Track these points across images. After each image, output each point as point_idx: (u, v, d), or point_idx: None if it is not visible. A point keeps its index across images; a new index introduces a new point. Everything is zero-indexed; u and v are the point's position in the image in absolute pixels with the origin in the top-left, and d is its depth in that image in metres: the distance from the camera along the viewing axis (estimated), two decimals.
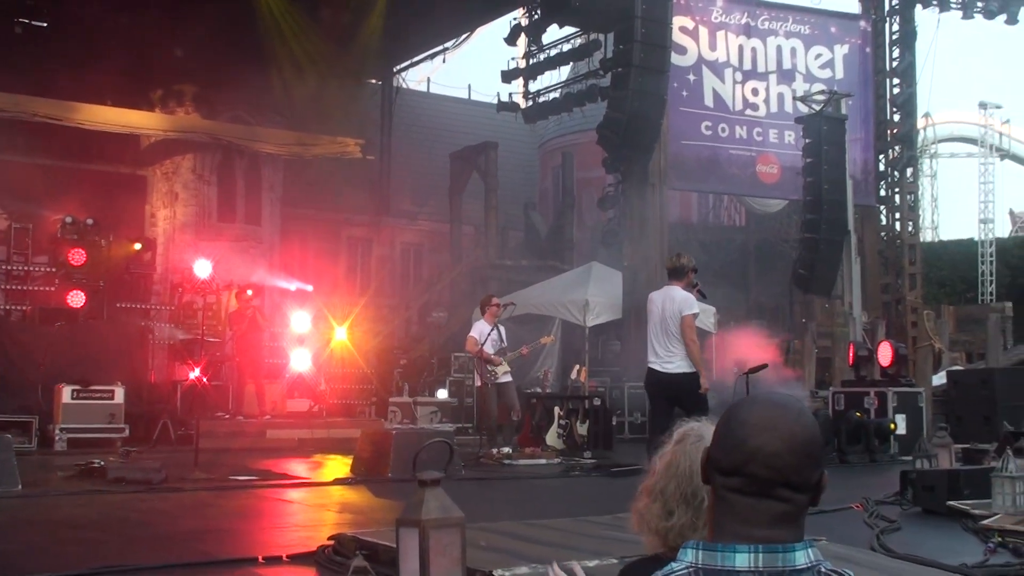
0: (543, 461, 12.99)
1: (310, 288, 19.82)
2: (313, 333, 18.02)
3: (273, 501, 9.22)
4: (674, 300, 9.70)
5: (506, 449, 13.04)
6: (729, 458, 1.67)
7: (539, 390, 17.02)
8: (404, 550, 4.02)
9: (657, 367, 9.74)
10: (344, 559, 5.45)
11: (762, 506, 1.64)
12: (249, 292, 16.42)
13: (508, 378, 13.39)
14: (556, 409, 14.44)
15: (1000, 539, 7.13)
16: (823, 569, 1.64)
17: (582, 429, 14.14)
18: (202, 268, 16.99)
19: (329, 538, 6.13)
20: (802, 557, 1.63)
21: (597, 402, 14.69)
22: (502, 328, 13.58)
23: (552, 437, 14.16)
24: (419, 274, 29.53)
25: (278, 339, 17.87)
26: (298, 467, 12.20)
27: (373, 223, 28.06)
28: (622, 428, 17.89)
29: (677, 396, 9.63)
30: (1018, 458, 8.37)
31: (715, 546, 1.64)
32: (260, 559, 5.81)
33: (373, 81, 27.25)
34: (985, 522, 7.70)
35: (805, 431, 1.67)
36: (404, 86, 30.13)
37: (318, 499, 9.49)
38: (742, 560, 1.61)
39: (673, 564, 1.67)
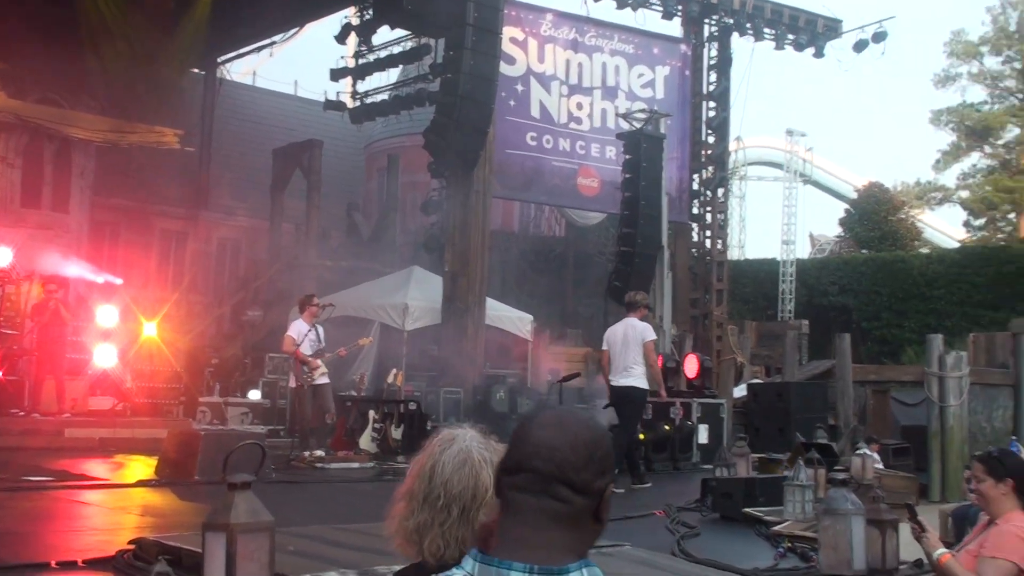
0: (356, 465, 12.93)
1: (119, 281, 19.07)
2: (120, 328, 17.35)
3: (69, 503, 8.84)
4: (635, 328, 11.43)
5: (319, 452, 12.90)
6: (513, 454, 1.69)
7: (354, 393, 16.90)
8: (210, 555, 3.93)
9: (615, 382, 11.42)
10: (145, 564, 5.28)
11: (541, 504, 1.64)
12: (52, 284, 15.68)
13: (325, 380, 13.24)
14: (371, 412, 14.39)
15: (790, 544, 7.54)
16: None
17: (396, 433, 14.13)
18: (1, 256, 16.17)
19: (129, 542, 5.93)
20: None
21: (413, 406, 14.71)
22: (321, 329, 13.43)
23: (366, 441, 14.10)
24: (235, 271, 28.81)
25: (82, 333, 17.12)
26: (98, 468, 11.74)
27: (189, 216, 27.28)
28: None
29: (620, 404, 11.37)
30: (808, 468, 8.86)
31: (492, 560, 1.63)
32: (53, 564, 5.56)
33: (196, 71, 26.48)
34: (777, 528, 8.12)
35: (591, 433, 1.69)
36: (228, 77, 29.41)
37: (119, 502, 9.16)
38: None
39: (454, 570, 1.66)
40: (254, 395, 18.51)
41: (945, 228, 45.12)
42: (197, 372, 18.65)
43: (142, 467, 11.69)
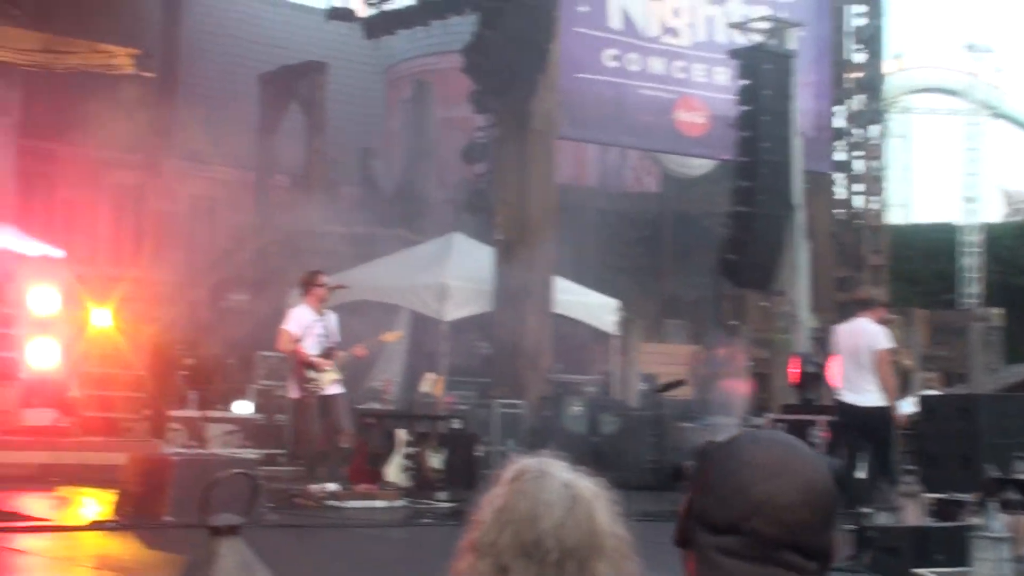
0: (382, 504, 13.06)
1: (59, 253, 19.34)
2: (62, 317, 17.63)
3: (0, 552, 9.02)
4: (867, 333, 12.59)
5: (331, 486, 13.01)
6: (726, 510, 1.72)
7: (378, 406, 17.02)
8: None
9: (849, 400, 12.73)
10: None
11: (763, 573, 1.69)
12: None
13: (337, 388, 13.36)
14: (400, 433, 14.47)
15: None
16: None
17: (435, 461, 14.22)
18: None
19: None
20: None
21: (456, 425, 14.77)
22: (332, 318, 13.53)
23: (395, 471, 14.20)
24: (213, 240, 29.10)
25: (10, 324, 17.43)
26: (37, 505, 11.98)
27: (149, 166, 27.52)
28: (489, 461, 18.05)
29: (862, 429, 12.75)
30: (1005, 513, 8.79)
31: None
32: None
33: None
34: None
35: (822, 480, 1.74)
36: None
37: (66, 550, 9.35)
38: None
39: None
40: (242, 408, 18.67)
41: None
42: (166, 377, 18.87)
43: (95, 504, 11.90)
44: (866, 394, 12.55)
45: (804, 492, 1.70)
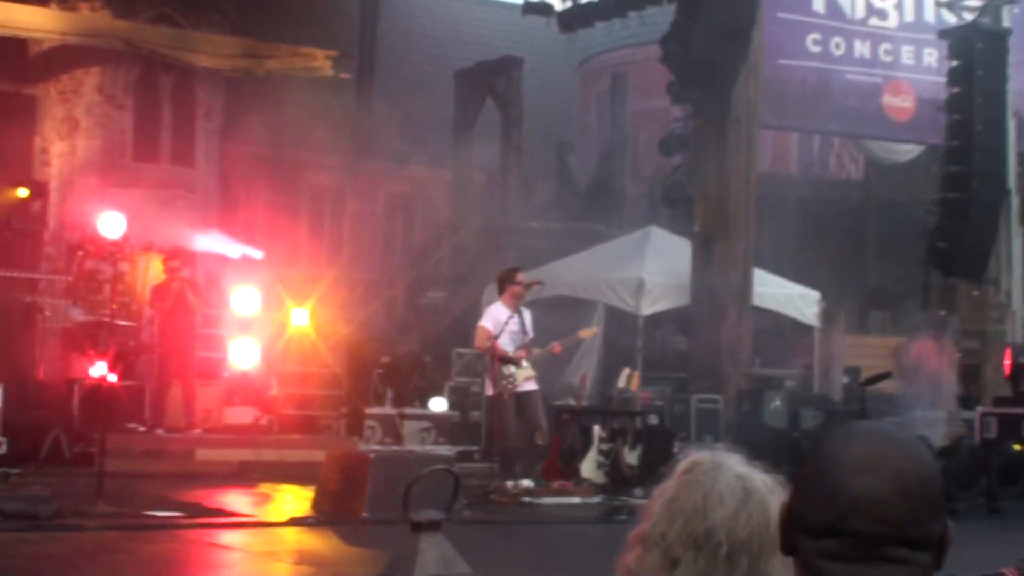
0: (577, 500, 13.07)
1: (259, 255, 19.84)
2: (263, 317, 18.06)
3: (204, 546, 9.28)
4: None
5: (526, 482, 13.09)
6: (821, 512, 1.68)
7: (573, 402, 17.04)
8: None
9: None
10: None
11: (873, 573, 1.65)
12: (176, 260, 16.44)
13: (532, 385, 13.42)
14: (596, 429, 14.46)
15: None
16: None
17: (631, 457, 14.16)
18: (111, 225, 16.99)
19: None
20: None
21: (653, 420, 14.69)
22: (527, 315, 13.59)
23: (590, 467, 14.18)
24: (410, 238, 29.52)
25: (215, 324, 17.91)
26: (239, 501, 12.30)
27: (347, 168, 27.98)
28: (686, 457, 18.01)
29: None
30: None
31: None
32: None
33: None
34: None
35: (920, 468, 1.69)
36: None
37: (266, 545, 9.56)
38: None
39: None
40: (438, 405, 18.86)
41: None
42: (363, 375, 19.18)
43: (294, 500, 12.17)
44: None
45: (899, 483, 1.66)
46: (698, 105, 19.96)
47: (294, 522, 10.68)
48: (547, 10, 23.78)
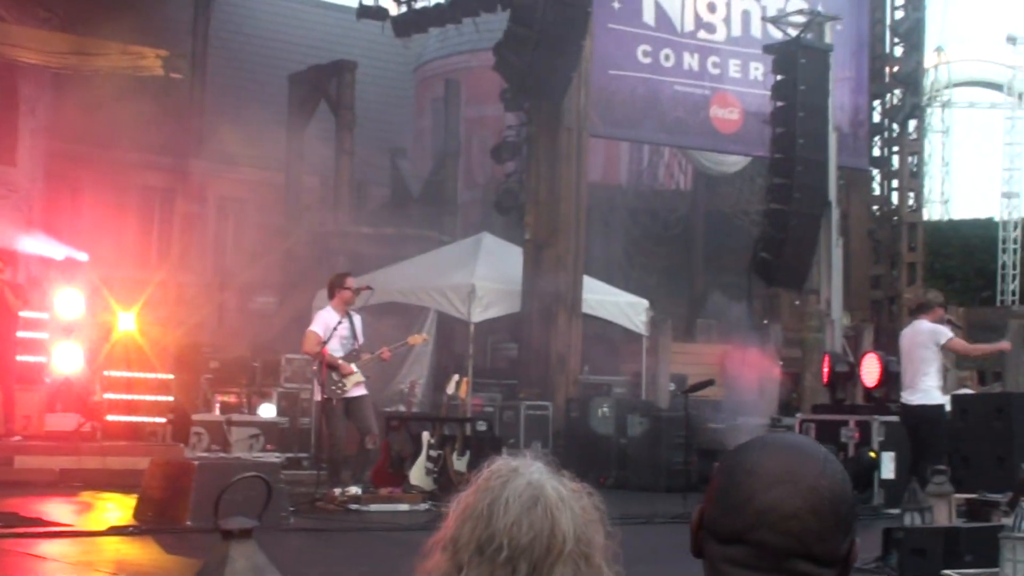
0: (405, 507, 13.07)
1: (84, 256, 19.48)
2: (87, 321, 17.72)
3: (19, 557, 9.09)
4: (922, 332, 13.18)
5: (354, 489, 13.05)
6: (730, 520, 1.71)
7: (403, 409, 17.06)
8: None
9: (903, 400, 13.41)
10: None
11: None
12: None
13: (362, 391, 13.41)
14: (425, 435, 14.48)
15: None
16: None
17: (460, 464, 14.21)
18: None
19: None
20: None
21: (483, 427, 14.78)
22: (357, 320, 13.58)
23: (418, 474, 14.20)
24: (240, 242, 29.21)
25: (36, 328, 17.51)
26: (58, 510, 12.04)
27: (177, 169, 27.66)
28: None
29: (914, 427, 13.35)
30: None
31: None
32: None
33: None
34: None
35: (832, 486, 1.70)
36: None
37: (84, 555, 9.39)
38: None
39: None
40: (267, 411, 18.75)
41: None
42: (191, 380, 18.96)
43: (117, 508, 11.97)
44: (919, 393, 13.04)
45: (811, 498, 1.68)
46: (530, 113, 20.14)
47: (114, 531, 10.49)
48: (382, 14, 23.79)
